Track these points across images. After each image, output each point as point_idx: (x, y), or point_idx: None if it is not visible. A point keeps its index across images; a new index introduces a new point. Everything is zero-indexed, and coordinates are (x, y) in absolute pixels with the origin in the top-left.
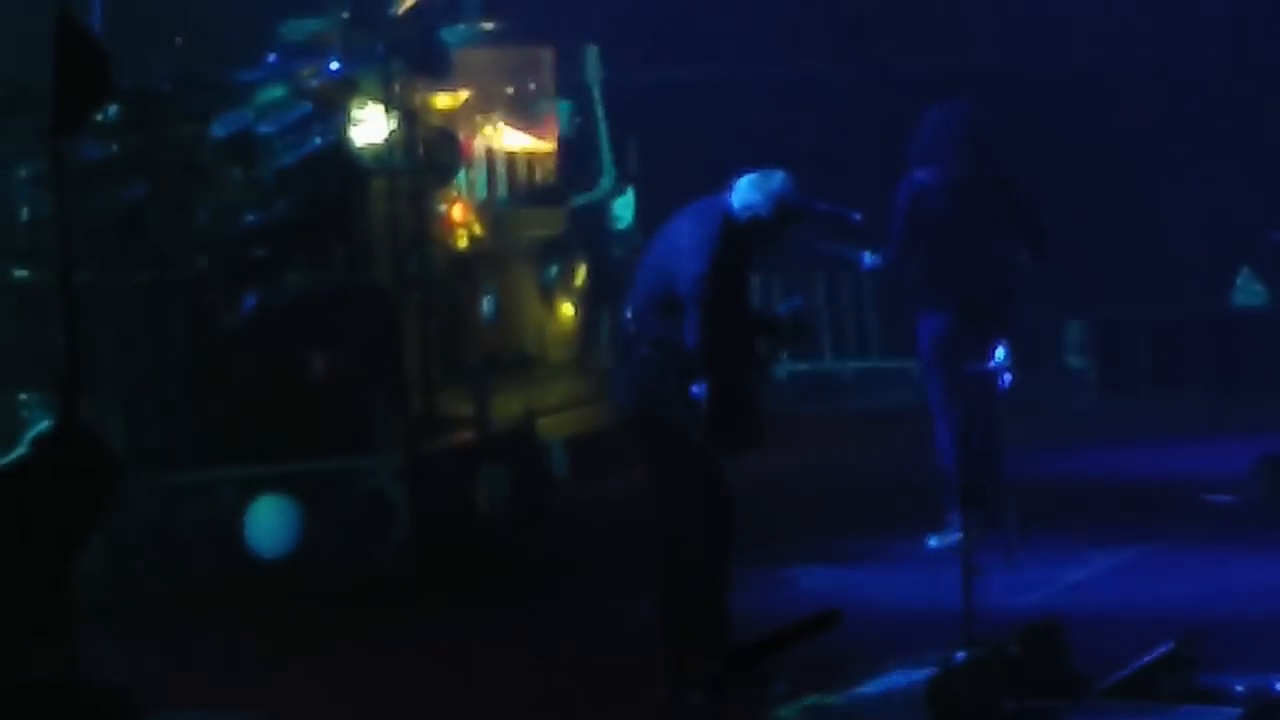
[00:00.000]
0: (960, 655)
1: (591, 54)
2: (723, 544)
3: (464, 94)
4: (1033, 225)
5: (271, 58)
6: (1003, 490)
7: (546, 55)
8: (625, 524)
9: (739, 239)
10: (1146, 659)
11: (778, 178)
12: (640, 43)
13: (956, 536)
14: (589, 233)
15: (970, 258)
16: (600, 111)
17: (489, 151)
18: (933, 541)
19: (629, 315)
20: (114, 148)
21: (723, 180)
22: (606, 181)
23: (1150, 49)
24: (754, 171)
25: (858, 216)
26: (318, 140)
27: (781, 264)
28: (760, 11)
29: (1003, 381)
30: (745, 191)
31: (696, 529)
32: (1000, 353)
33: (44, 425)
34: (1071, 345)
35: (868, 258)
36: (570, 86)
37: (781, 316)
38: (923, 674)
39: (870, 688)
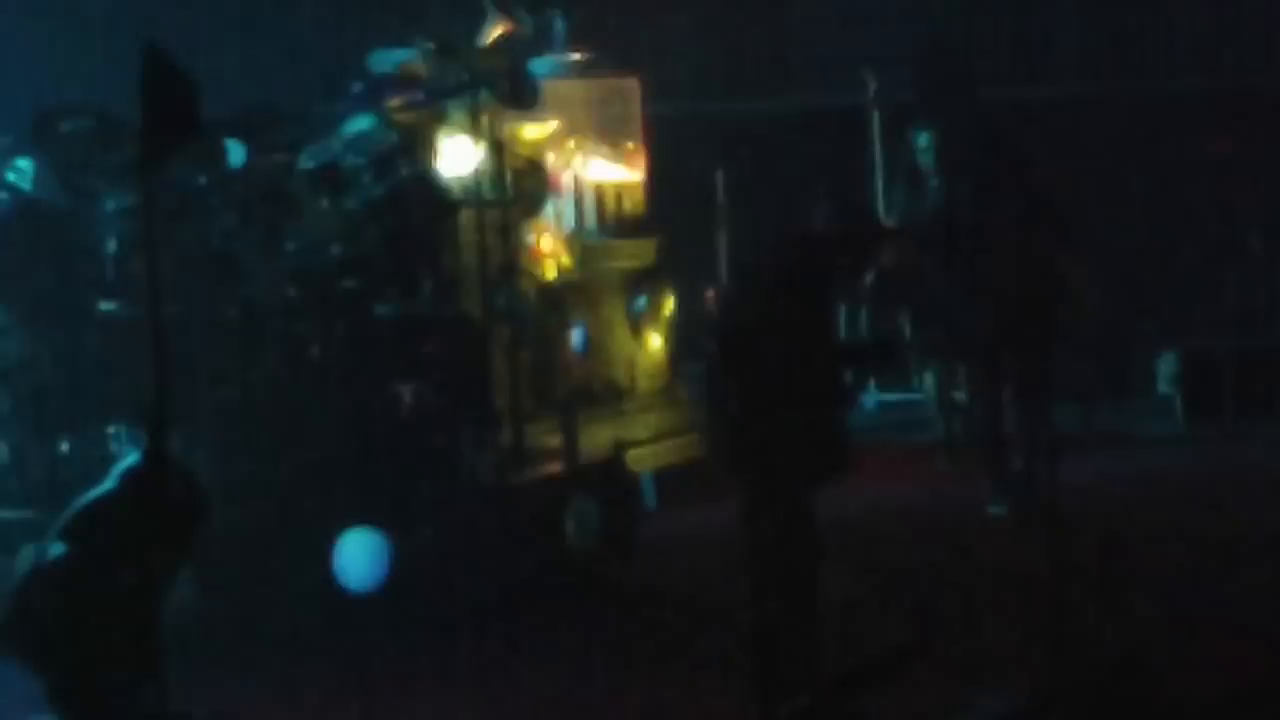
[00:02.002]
0: None
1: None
2: (808, 574)
3: (552, 125)
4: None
5: (359, 89)
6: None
7: (634, 85)
8: (716, 556)
9: (808, 265)
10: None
11: (842, 200)
12: (730, 72)
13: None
14: None
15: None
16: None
17: (577, 182)
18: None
19: (713, 346)
20: (202, 179)
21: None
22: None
23: (1234, 76)
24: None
25: None
26: (405, 171)
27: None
28: (843, 41)
29: None
30: (812, 217)
31: (783, 560)
32: None
33: (132, 458)
34: (1165, 376)
35: None
36: None
37: (866, 344)
38: (1009, 708)
39: None
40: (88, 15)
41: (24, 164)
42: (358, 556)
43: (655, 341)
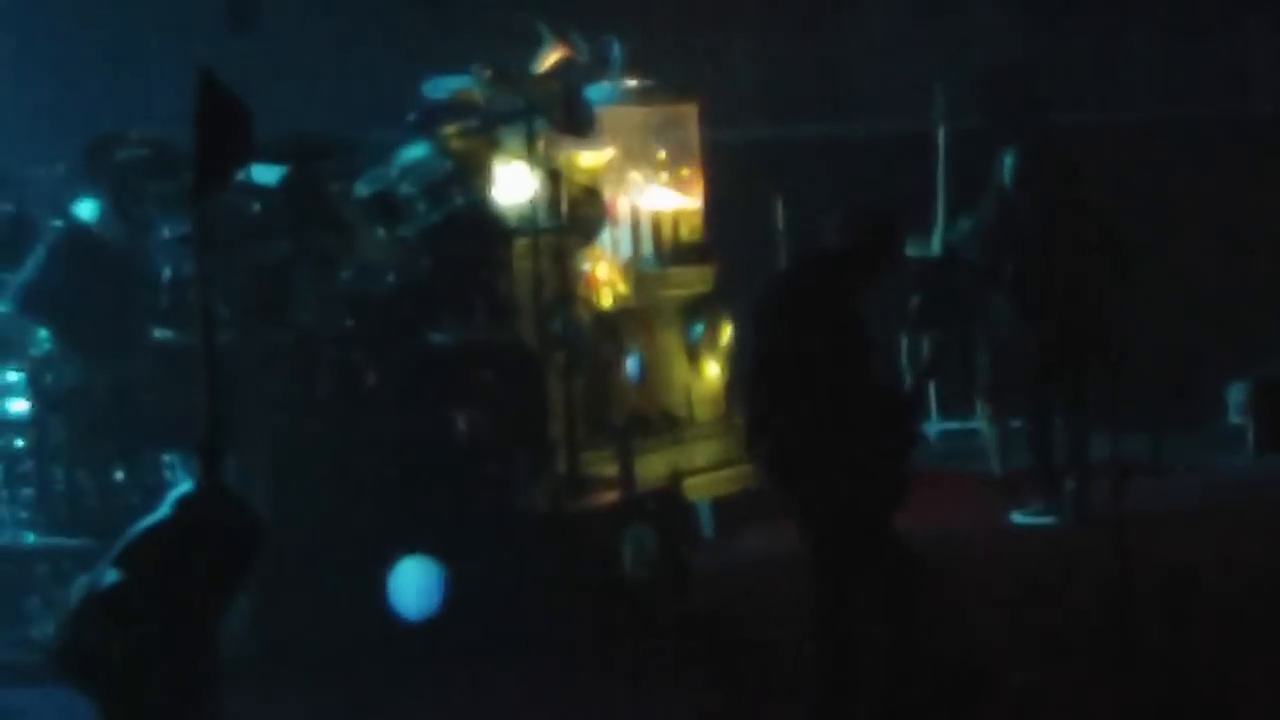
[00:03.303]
0: None
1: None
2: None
3: (609, 152)
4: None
5: (414, 116)
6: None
7: (691, 111)
8: (772, 586)
9: (832, 282)
10: None
11: (858, 209)
12: (787, 98)
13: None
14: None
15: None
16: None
17: (634, 209)
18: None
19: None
20: (256, 207)
21: None
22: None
23: None
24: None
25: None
26: (460, 199)
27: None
28: (901, 67)
29: None
30: (830, 233)
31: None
32: None
33: (187, 486)
34: (1236, 406)
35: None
36: None
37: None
38: None
39: None
40: (142, 43)
41: (89, 204)
42: (412, 584)
43: (712, 369)
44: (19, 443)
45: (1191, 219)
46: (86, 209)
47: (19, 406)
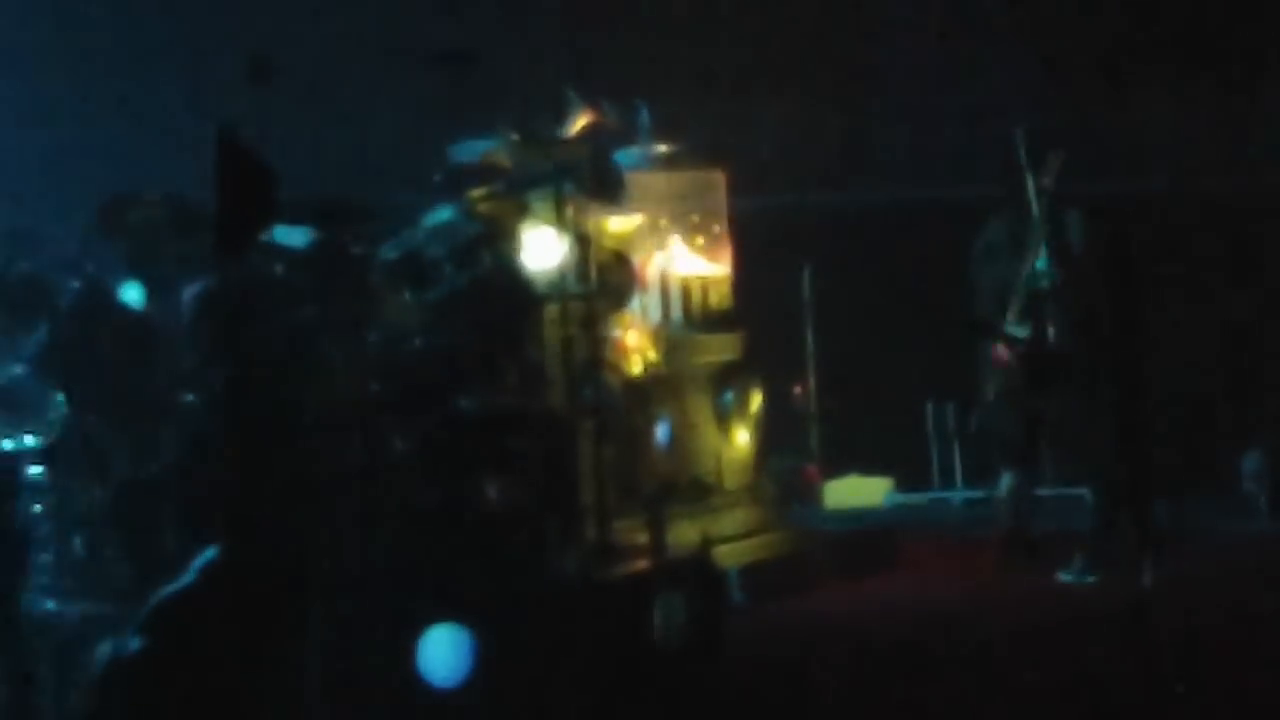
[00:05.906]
0: None
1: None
2: None
3: (638, 217)
4: None
5: (441, 179)
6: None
7: (720, 177)
8: (804, 654)
9: None
10: None
11: None
12: (816, 166)
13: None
14: None
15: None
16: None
17: (663, 275)
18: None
19: None
20: (280, 269)
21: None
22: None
23: None
24: None
25: None
26: (488, 263)
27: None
28: (930, 134)
29: None
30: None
31: None
32: None
33: (211, 553)
34: (1250, 474)
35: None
36: None
37: None
38: None
39: None
40: (163, 100)
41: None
42: (440, 652)
43: (742, 437)
44: (36, 507)
45: (1204, 288)
46: (132, 294)
47: (35, 469)
